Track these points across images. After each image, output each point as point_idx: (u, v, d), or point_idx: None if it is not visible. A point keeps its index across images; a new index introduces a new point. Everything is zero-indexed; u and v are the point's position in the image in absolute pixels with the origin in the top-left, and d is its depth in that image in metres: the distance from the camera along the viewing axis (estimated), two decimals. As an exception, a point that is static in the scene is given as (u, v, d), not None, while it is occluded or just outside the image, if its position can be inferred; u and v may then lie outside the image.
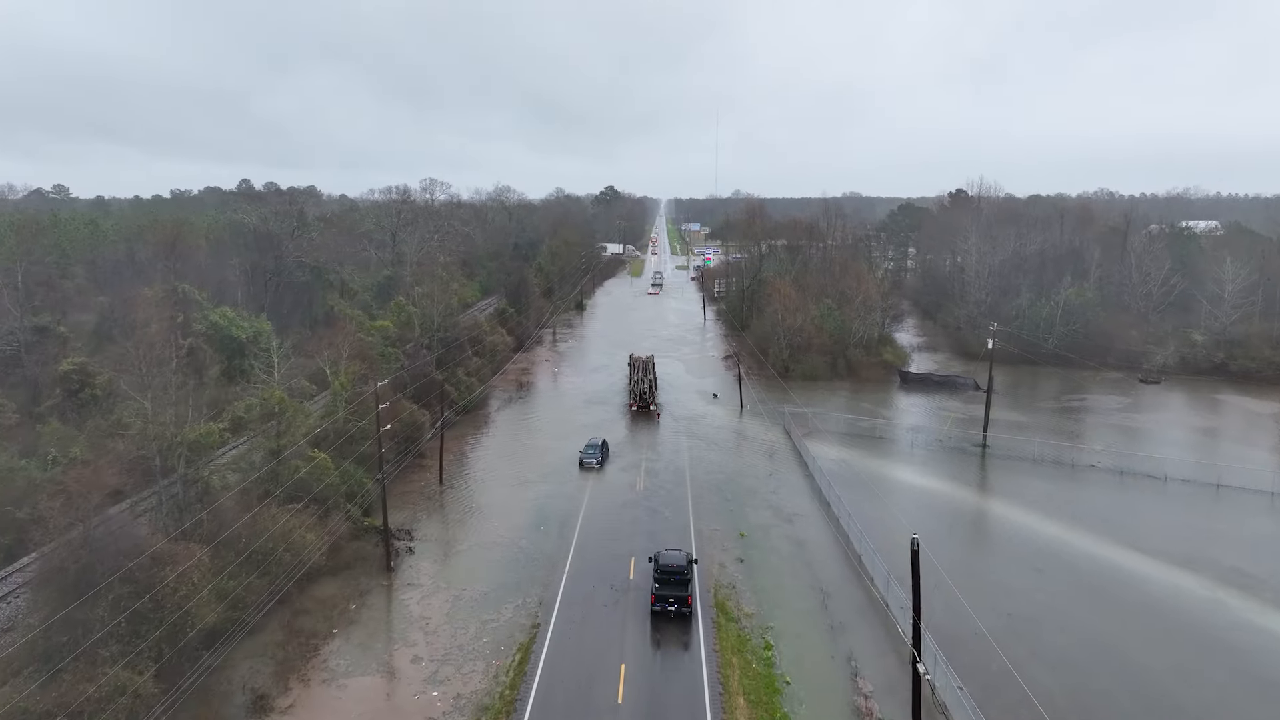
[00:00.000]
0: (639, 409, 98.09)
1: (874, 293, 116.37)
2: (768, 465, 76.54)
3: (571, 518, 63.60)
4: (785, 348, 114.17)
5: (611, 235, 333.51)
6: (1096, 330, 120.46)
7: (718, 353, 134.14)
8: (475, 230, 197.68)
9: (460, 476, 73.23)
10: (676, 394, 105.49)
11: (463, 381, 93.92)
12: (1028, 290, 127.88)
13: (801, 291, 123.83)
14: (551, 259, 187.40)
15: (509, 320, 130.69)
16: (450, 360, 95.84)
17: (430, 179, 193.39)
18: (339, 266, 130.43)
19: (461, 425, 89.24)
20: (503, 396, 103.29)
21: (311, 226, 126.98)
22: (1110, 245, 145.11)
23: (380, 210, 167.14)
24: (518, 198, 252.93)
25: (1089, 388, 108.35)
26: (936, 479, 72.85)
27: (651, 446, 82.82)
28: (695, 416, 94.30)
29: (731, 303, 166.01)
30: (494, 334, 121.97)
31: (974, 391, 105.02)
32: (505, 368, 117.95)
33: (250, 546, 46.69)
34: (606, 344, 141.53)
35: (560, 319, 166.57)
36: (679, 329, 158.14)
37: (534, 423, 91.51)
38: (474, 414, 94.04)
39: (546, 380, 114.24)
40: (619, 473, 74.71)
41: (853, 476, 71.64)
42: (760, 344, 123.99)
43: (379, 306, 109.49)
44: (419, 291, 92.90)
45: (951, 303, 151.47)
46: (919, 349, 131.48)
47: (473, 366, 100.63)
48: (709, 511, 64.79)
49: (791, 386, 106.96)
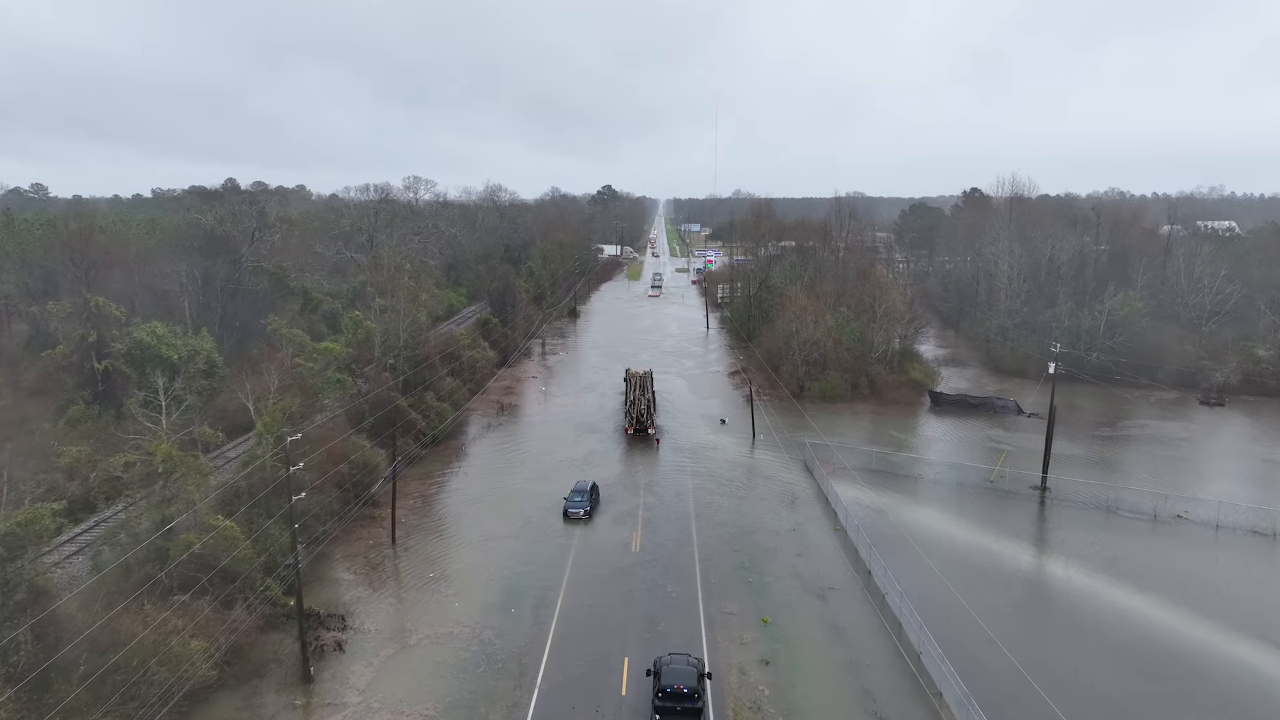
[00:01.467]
0: (636, 432, 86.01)
1: (899, 302, 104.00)
2: (789, 515, 64.03)
3: (550, 592, 51.11)
4: (800, 364, 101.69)
5: (609, 236, 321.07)
6: (1145, 344, 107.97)
7: (723, 367, 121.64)
8: (462, 231, 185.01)
9: (419, 531, 60.67)
10: (678, 417, 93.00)
11: (433, 408, 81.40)
12: (1065, 299, 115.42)
13: (816, 300, 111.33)
14: (543, 262, 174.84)
15: (492, 332, 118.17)
16: (419, 383, 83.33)
17: (414, 177, 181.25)
18: (304, 273, 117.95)
19: (429, 460, 76.72)
20: (481, 422, 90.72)
21: (274, 228, 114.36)
22: (1147, 248, 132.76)
23: (358, 210, 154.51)
24: (510, 197, 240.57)
25: (1142, 411, 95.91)
26: (994, 535, 60.37)
27: (650, 487, 70.36)
28: (700, 447, 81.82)
29: (737, 310, 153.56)
30: (474, 348, 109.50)
31: (1016, 416, 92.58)
32: (487, 386, 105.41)
33: (101, 666, 34.21)
34: (601, 356, 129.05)
35: (551, 328, 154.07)
36: (680, 339, 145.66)
37: (514, 456, 78.95)
38: (446, 445, 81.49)
39: (533, 401, 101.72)
40: (611, 525, 62.21)
41: (892, 532, 59.17)
42: (770, 358, 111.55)
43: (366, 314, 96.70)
44: (381, 304, 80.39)
45: (976, 311, 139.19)
46: (943, 363, 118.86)
47: (446, 389, 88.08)
48: (722, 583, 52.32)
49: (808, 409, 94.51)
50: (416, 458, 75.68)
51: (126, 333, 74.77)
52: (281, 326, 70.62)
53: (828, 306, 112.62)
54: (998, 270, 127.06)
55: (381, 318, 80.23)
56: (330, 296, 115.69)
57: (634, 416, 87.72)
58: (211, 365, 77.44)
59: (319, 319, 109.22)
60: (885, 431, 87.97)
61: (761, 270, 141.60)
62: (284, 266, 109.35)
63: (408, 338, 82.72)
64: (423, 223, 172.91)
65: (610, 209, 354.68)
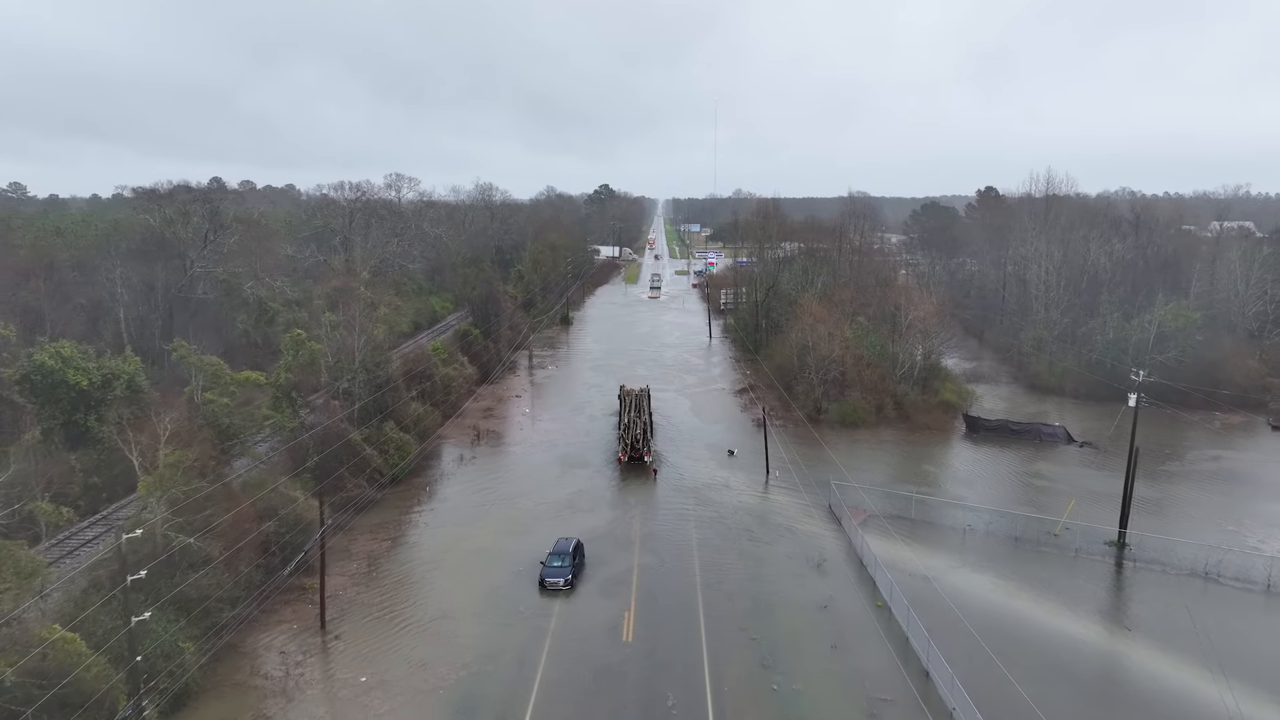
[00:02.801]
0: (631, 460, 75.24)
1: (929, 313, 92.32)
2: (817, 584, 52.31)
3: (516, 705, 39.41)
4: (817, 383, 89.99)
5: (606, 237, 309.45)
6: (1200, 359, 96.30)
7: (728, 383, 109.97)
8: (447, 232, 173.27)
9: (358, 609, 48.90)
10: (680, 445, 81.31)
11: (393, 441, 69.65)
12: (1110, 308, 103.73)
13: (832, 309, 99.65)
14: (534, 266, 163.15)
15: (472, 344, 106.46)
16: (379, 410, 71.62)
17: (396, 174, 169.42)
18: (268, 279, 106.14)
19: (387, 505, 64.98)
20: (454, 453, 78.97)
21: (230, 230, 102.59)
22: (1194, 251, 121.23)
23: (330, 209, 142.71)
24: (503, 196, 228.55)
25: (1208, 438, 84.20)
26: (1068, 610, 48.70)
27: (646, 541, 58.66)
28: (705, 485, 70.11)
29: (742, 318, 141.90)
30: (451, 364, 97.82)
31: (1066, 445, 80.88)
32: (464, 408, 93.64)
33: None
34: (594, 370, 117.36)
35: (541, 337, 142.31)
36: (681, 349, 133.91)
37: (487, 499, 67.22)
38: (409, 483, 69.74)
39: (515, 425, 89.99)
40: (598, 598, 50.52)
41: (944, 607, 47.48)
42: (781, 374, 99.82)
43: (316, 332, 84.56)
44: (331, 319, 68.64)
45: (1004, 319, 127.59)
46: (970, 379, 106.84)
47: (412, 415, 76.32)
48: (739, 689, 40.62)
49: (826, 436, 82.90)
50: (370, 503, 63.93)
51: (27, 355, 63.10)
52: (190, 353, 58.73)
53: (845, 317, 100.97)
54: (1030, 275, 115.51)
55: (332, 335, 68.51)
56: (296, 305, 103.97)
57: (628, 442, 76.54)
58: (134, 391, 65.65)
59: (281, 331, 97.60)
60: (917, 465, 76.30)
61: (769, 275, 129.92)
62: (238, 273, 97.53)
63: (365, 357, 70.96)
64: (404, 223, 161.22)
65: (608, 209, 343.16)
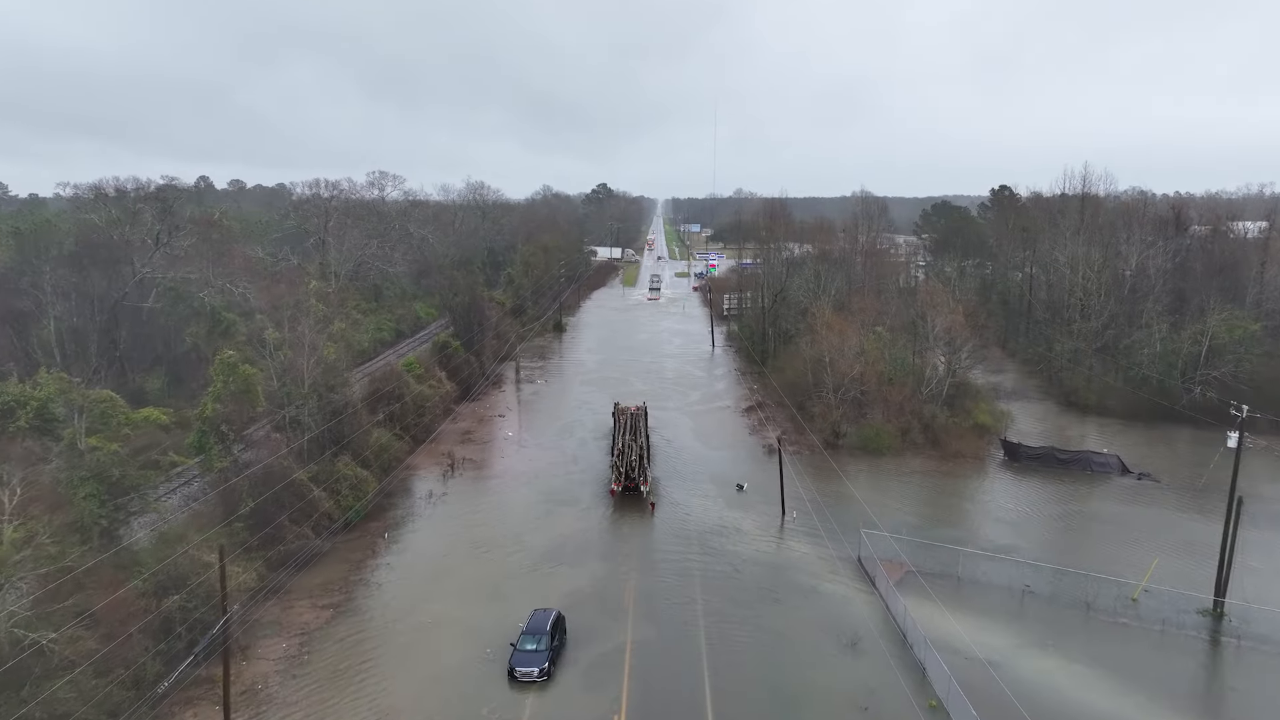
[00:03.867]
0: (625, 490, 66.24)
1: (959, 323, 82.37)
2: (851, 669, 42.44)
3: None
4: (835, 403, 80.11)
5: (604, 237, 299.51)
6: (1254, 375, 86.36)
7: (734, 399, 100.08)
8: (434, 233, 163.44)
9: (276, 708, 39.00)
10: (683, 476, 71.49)
11: (347, 479, 59.71)
12: (1154, 317, 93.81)
13: (850, 319, 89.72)
14: (524, 269, 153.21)
15: (452, 358, 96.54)
16: (335, 442, 61.69)
17: (379, 171, 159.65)
18: (228, 286, 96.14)
19: (336, 557, 55.12)
20: (422, 488, 69.12)
21: (184, 231, 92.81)
22: (1243, 255, 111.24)
23: (304, 208, 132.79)
24: (495, 195, 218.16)
25: (1266, 466, 74.37)
26: (1169, 710, 38.89)
27: (641, 605, 48.84)
28: (711, 530, 60.26)
29: (747, 326, 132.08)
30: (427, 380, 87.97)
31: (1121, 478, 71.07)
32: (439, 431, 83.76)
33: None
34: (587, 384, 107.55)
35: (531, 346, 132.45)
36: (682, 360, 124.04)
37: (454, 550, 57.30)
38: (366, 528, 59.82)
39: (496, 450, 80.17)
40: (581, 693, 40.65)
41: (1010, 706, 37.57)
42: (792, 390, 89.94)
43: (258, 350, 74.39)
44: (276, 337, 58.73)
45: (1031, 327, 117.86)
46: (998, 396, 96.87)
47: (374, 446, 66.38)
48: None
49: (846, 465, 73.15)
50: (315, 557, 54.02)
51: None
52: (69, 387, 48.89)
53: (864, 327, 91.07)
54: (1063, 280, 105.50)
55: (276, 355, 58.61)
56: (261, 314, 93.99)
57: (622, 470, 66.98)
58: (47, 421, 55.73)
59: (245, 343, 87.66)
60: (953, 502, 66.49)
61: (776, 280, 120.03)
62: (192, 279, 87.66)
63: (316, 380, 61.04)
64: (387, 224, 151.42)
65: (606, 209, 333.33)
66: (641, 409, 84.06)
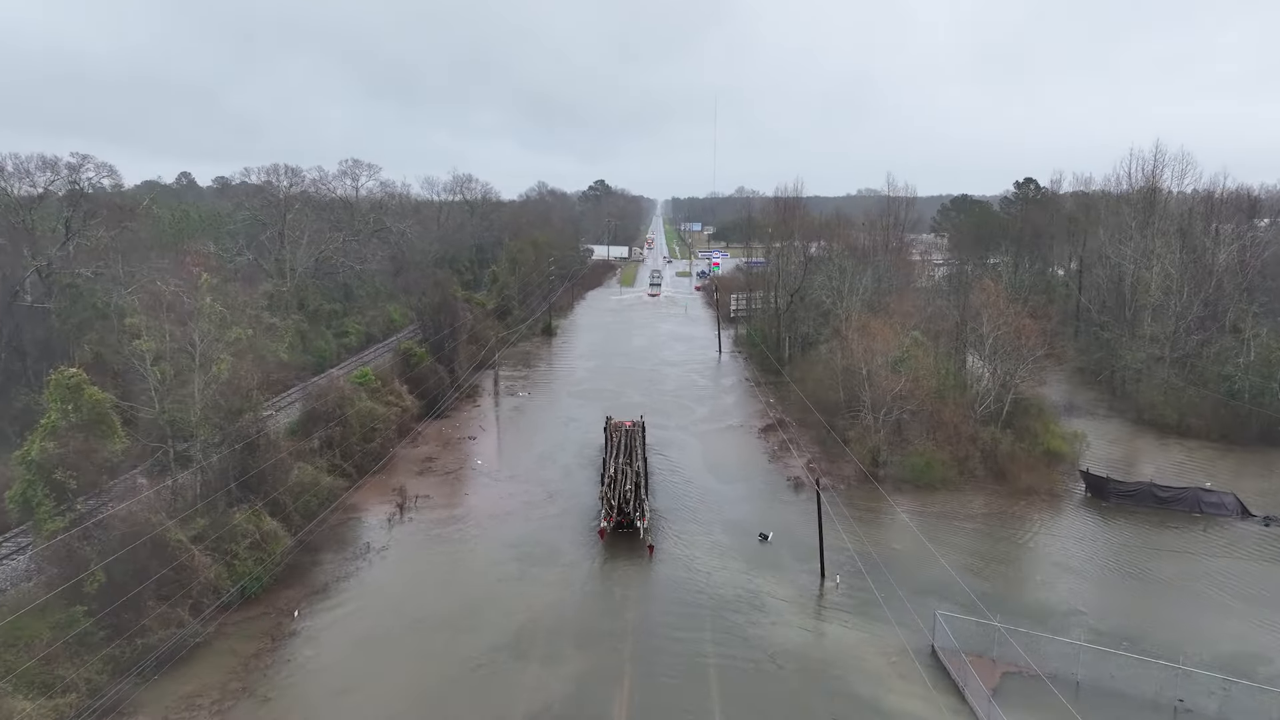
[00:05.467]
0: (618, 528, 53.23)
1: (1029, 328, 67.77)
2: None
3: None
4: (876, 426, 65.53)
5: (601, 235, 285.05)
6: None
7: (745, 416, 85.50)
8: (413, 227, 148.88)
9: None
10: (690, 520, 56.91)
11: (247, 535, 44.96)
12: (1252, 322, 79.29)
13: (884, 322, 75.04)
14: (511, 267, 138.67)
15: (416, 367, 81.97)
16: (242, 484, 47.04)
17: (352, 160, 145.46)
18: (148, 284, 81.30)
19: (217, 649, 40.45)
20: (361, 537, 54.53)
21: (99, 220, 78.37)
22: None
23: (259, 199, 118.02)
24: (483, 188, 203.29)
25: None
26: None
27: (637, 733, 34.32)
28: (730, 602, 45.68)
29: (759, 329, 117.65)
30: (383, 396, 73.49)
31: (1240, 522, 56.50)
32: (390, 456, 69.11)
33: None
34: (576, 397, 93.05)
35: (515, 353, 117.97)
36: (685, 368, 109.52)
37: (384, 637, 42.53)
38: (269, 603, 45.05)
39: (462, 481, 65.62)
40: None
41: None
42: (817, 406, 75.31)
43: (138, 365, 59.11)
44: (145, 348, 43.96)
45: (1083, 331, 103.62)
46: (1058, 413, 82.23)
47: (294, 486, 51.71)
48: None
49: (893, 498, 58.61)
50: (188, 649, 39.31)
51: None
52: None
53: (903, 333, 76.47)
54: (1123, 279, 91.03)
55: (152, 373, 44.02)
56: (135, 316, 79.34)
57: (614, 503, 53.96)
58: None
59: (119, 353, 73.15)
60: (1036, 558, 51.96)
61: (794, 277, 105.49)
62: (99, 275, 73.20)
63: (213, 403, 46.39)
64: (360, 218, 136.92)
65: (603, 205, 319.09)
66: (638, 425, 70.76)
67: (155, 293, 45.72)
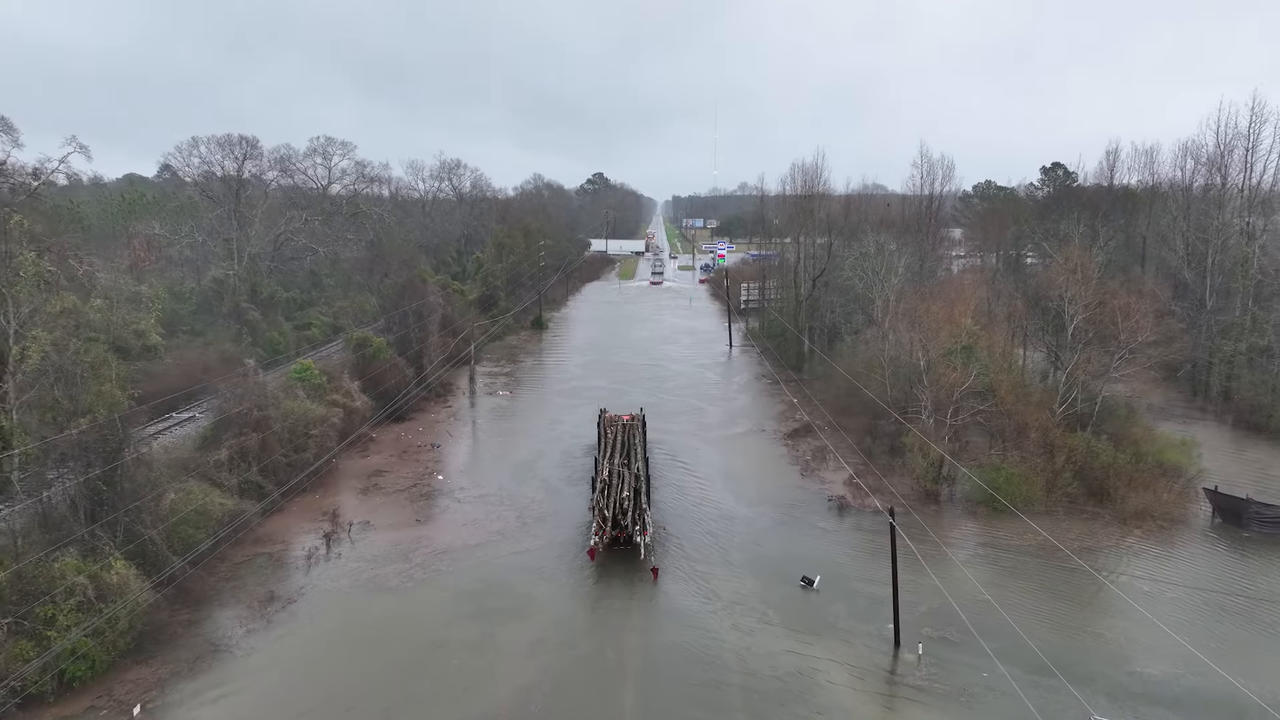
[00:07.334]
0: (614, 543, 42.54)
1: (1138, 308, 54.20)
2: None
3: None
4: (943, 431, 51.81)
5: (599, 229, 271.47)
6: None
7: (761, 418, 71.84)
8: (391, 212, 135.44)
9: None
10: (707, 559, 43.23)
11: (78, 591, 31.33)
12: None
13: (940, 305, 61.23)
14: (497, 253, 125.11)
15: (373, 362, 68.39)
16: (91, 517, 33.48)
17: (325, 137, 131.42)
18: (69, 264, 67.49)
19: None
20: (265, 583, 40.95)
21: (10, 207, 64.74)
22: None
23: (209, 177, 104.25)
24: (473, 175, 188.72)
25: None
26: None
27: None
28: (768, 680, 32.05)
29: (774, 322, 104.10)
30: (327, 394, 59.94)
31: None
32: (328, 469, 55.43)
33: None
34: (565, 395, 79.58)
35: (500, 347, 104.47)
36: (692, 364, 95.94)
37: None
38: (104, 689, 31.46)
39: (416, 500, 52.00)
40: None
41: None
42: (858, 404, 61.52)
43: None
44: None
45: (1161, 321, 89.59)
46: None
47: (171, 514, 38.05)
48: None
49: (966, 531, 45.02)
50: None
51: None
52: None
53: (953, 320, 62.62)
54: (1201, 261, 77.29)
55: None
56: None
57: (610, 513, 42.69)
58: None
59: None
60: (1181, 614, 38.26)
61: (817, 263, 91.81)
62: None
63: (33, 402, 32.74)
64: (332, 203, 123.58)
65: (602, 199, 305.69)
66: (637, 419, 58.85)
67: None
